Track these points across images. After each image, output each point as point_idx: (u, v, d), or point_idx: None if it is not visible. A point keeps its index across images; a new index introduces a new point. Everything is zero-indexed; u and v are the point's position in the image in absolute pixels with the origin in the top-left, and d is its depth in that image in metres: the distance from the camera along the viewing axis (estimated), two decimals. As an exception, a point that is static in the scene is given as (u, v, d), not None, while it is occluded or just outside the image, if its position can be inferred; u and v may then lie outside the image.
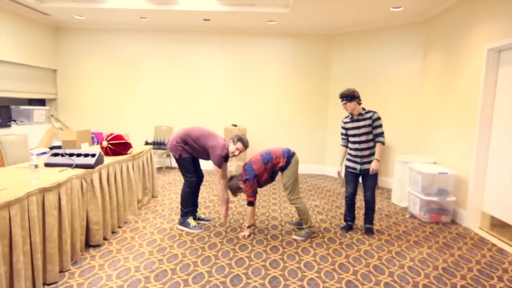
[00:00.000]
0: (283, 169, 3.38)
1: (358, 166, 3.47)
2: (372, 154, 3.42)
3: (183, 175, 3.52)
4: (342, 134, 3.60)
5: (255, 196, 3.36)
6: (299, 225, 3.71)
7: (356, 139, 3.43)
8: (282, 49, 6.31)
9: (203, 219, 3.82)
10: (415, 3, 4.44)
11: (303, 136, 6.51)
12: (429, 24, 4.92)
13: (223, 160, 3.34)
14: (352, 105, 3.37)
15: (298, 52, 6.31)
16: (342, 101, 3.40)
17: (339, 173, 3.58)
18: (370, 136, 3.39)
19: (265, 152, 3.42)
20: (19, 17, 5.40)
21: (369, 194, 3.48)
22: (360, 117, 3.40)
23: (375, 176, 3.46)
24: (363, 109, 3.42)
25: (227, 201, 3.51)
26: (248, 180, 3.31)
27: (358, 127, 3.40)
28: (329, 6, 4.69)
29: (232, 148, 3.37)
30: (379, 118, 3.35)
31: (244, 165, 3.42)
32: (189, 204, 3.58)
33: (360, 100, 3.38)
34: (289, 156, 3.39)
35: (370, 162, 3.42)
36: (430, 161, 4.49)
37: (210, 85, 6.46)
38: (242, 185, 3.39)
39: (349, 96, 3.35)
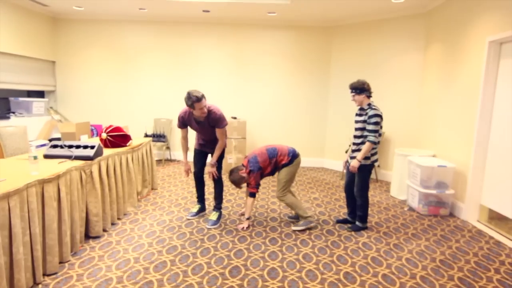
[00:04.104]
0: (284, 166, 3.42)
1: (349, 159, 3.48)
2: (359, 151, 3.30)
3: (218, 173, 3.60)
4: None
5: (257, 188, 3.38)
6: (298, 218, 3.73)
7: (353, 132, 3.40)
8: (282, 41, 6.27)
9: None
10: (416, -6, 4.40)
11: (303, 128, 6.50)
12: (430, 16, 4.88)
13: (179, 122, 3.44)
14: (360, 98, 3.25)
15: (298, 44, 6.26)
16: (351, 92, 3.28)
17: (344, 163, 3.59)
18: (364, 133, 3.25)
19: (271, 147, 3.45)
20: (17, 8, 5.35)
21: (355, 191, 3.39)
22: (362, 112, 3.28)
23: (360, 172, 3.31)
24: (369, 104, 3.24)
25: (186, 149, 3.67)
26: (252, 171, 3.33)
27: (356, 121, 3.33)
28: (330, -2, 4.64)
29: (197, 112, 3.18)
30: (374, 116, 3.14)
31: (247, 156, 3.44)
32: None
33: (370, 93, 3.23)
34: (294, 156, 3.44)
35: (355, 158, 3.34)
36: (430, 154, 4.49)
37: (209, 77, 6.43)
38: (244, 176, 3.39)
39: (358, 89, 3.22)
